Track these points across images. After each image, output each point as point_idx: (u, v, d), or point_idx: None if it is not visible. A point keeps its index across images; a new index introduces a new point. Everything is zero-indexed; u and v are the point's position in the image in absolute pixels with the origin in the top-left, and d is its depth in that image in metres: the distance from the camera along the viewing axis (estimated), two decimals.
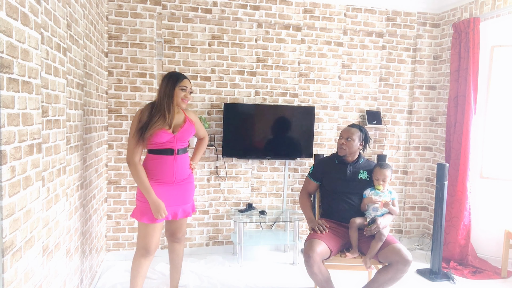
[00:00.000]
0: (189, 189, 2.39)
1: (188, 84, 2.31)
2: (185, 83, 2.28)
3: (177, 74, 2.29)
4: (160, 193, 2.22)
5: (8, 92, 1.28)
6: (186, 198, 2.36)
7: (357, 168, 2.61)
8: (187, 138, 2.34)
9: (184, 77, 2.30)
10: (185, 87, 2.28)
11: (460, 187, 3.40)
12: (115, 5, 3.20)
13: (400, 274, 2.27)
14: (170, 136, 2.22)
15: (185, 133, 2.30)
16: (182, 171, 2.31)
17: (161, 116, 2.18)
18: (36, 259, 1.58)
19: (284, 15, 3.57)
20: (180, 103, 2.28)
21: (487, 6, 3.31)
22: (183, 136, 2.29)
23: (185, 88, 2.28)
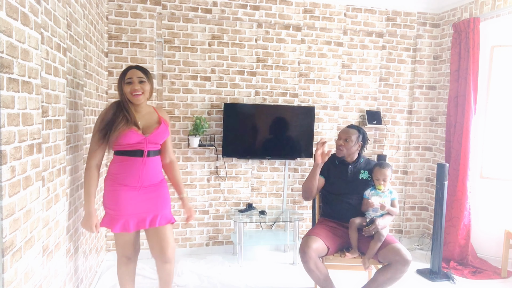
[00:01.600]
0: (161, 196, 2.11)
1: (134, 74, 1.98)
2: (130, 74, 1.99)
3: (125, 69, 2.05)
4: (126, 198, 2.01)
5: (8, 92, 1.29)
6: (157, 205, 2.09)
7: (358, 168, 2.61)
8: (159, 141, 2.10)
9: (130, 67, 2.03)
10: (129, 78, 1.98)
11: (460, 187, 3.40)
12: (115, 5, 3.20)
13: (399, 274, 2.27)
14: (140, 137, 1.98)
15: (158, 136, 2.07)
16: (151, 175, 2.06)
17: (123, 116, 1.96)
18: (36, 259, 1.58)
19: (284, 15, 3.57)
20: (132, 99, 1.98)
21: (487, 6, 3.31)
22: (156, 138, 2.06)
23: (130, 81, 1.97)
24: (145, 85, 2.02)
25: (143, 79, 2.01)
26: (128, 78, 1.99)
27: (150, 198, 2.07)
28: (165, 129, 2.12)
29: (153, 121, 2.09)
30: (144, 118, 2.07)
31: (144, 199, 2.05)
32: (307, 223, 3.79)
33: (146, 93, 2.04)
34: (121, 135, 1.94)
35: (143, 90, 2.01)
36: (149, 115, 2.10)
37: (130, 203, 2.02)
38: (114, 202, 2.01)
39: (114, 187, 2.02)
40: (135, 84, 1.98)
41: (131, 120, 1.96)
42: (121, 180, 2.01)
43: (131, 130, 1.95)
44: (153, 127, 2.06)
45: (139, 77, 2.00)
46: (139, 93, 1.99)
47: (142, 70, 2.04)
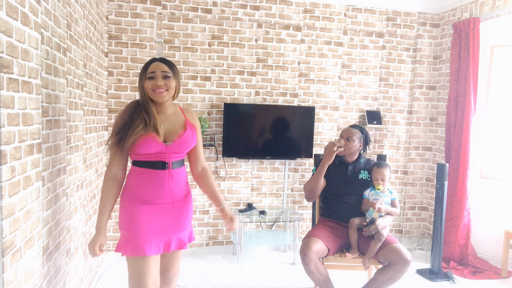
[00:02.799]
0: (186, 212, 1.83)
1: (158, 67, 1.70)
2: (152, 68, 1.71)
3: (147, 62, 1.76)
4: (145, 217, 1.70)
5: (8, 92, 1.29)
6: (182, 224, 1.81)
7: (358, 168, 2.61)
8: (184, 150, 1.78)
9: (153, 60, 1.75)
10: (152, 73, 1.69)
11: (460, 187, 3.40)
12: (115, 5, 3.20)
13: (399, 274, 2.27)
14: (160, 146, 1.68)
15: (182, 144, 1.74)
16: (177, 190, 1.77)
17: (142, 118, 1.67)
18: (36, 259, 1.58)
19: (284, 15, 3.57)
20: (154, 96, 1.70)
21: (487, 6, 3.31)
22: (179, 147, 1.74)
23: (152, 75, 1.69)
24: (170, 81, 1.71)
25: (168, 73, 1.70)
26: (151, 72, 1.69)
27: (176, 215, 1.77)
28: (192, 135, 1.78)
29: (178, 124, 1.77)
30: (168, 120, 1.76)
31: (170, 217, 1.76)
32: (307, 223, 3.79)
33: (170, 90, 1.72)
34: (138, 143, 1.65)
35: (167, 86, 1.70)
36: (174, 117, 1.79)
37: (149, 222, 1.71)
38: (130, 221, 1.70)
39: (131, 204, 1.72)
40: (159, 79, 1.68)
41: (150, 123, 1.66)
42: (140, 195, 1.72)
43: (150, 137, 1.65)
44: (177, 133, 1.74)
45: (163, 71, 1.70)
46: (162, 90, 1.68)
47: (168, 64, 1.73)
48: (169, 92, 1.72)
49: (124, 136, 1.64)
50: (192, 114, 1.88)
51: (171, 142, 1.71)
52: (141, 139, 1.64)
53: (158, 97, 1.70)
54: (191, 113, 1.88)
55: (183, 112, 1.84)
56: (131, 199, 1.73)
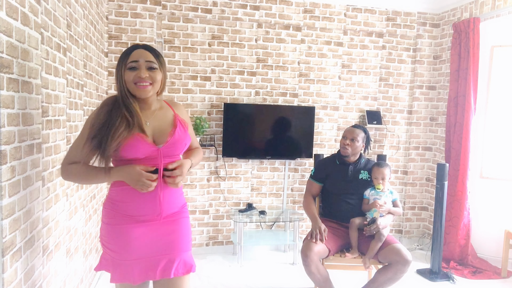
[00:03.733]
0: (180, 230, 1.52)
1: (141, 56, 1.42)
2: (134, 56, 1.41)
3: (128, 48, 1.47)
4: (132, 236, 1.43)
5: (8, 92, 1.28)
6: (175, 245, 1.50)
7: (358, 168, 2.61)
8: (179, 152, 1.52)
9: (135, 47, 1.46)
10: (134, 62, 1.41)
11: (460, 187, 3.40)
12: (115, 5, 3.20)
13: (399, 274, 2.27)
14: (150, 148, 1.41)
15: (177, 144, 1.49)
16: (171, 201, 1.49)
17: (122, 117, 1.38)
18: (36, 259, 1.58)
19: (284, 15, 3.57)
20: (135, 90, 1.42)
21: (487, 6, 3.30)
22: (173, 149, 1.48)
23: (134, 65, 1.40)
24: (156, 73, 1.44)
25: (153, 64, 1.43)
26: (133, 62, 1.41)
27: (166, 234, 1.48)
28: (184, 133, 1.52)
29: (167, 121, 1.51)
30: (154, 117, 1.49)
31: (158, 236, 1.47)
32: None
33: (156, 85, 1.45)
34: (122, 146, 1.36)
35: (152, 79, 1.42)
36: (161, 113, 1.52)
37: (137, 242, 1.43)
38: (116, 241, 1.44)
39: (115, 220, 1.44)
40: (142, 70, 1.40)
41: (133, 121, 1.38)
42: (126, 210, 1.44)
43: (136, 138, 1.37)
44: (167, 132, 1.48)
45: (148, 61, 1.42)
46: (146, 84, 1.41)
47: (153, 52, 1.46)
48: (154, 86, 1.44)
49: (104, 140, 1.32)
50: (180, 107, 1.61)
51: (163, 143, 1.44)
52: (126, 141, 1.35)
53: (141, 91, 1.40)
54: (179, 107, 1.61)
55: (170, 107, 1.57)
56: (115, 213, 1.44)
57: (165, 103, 1.60)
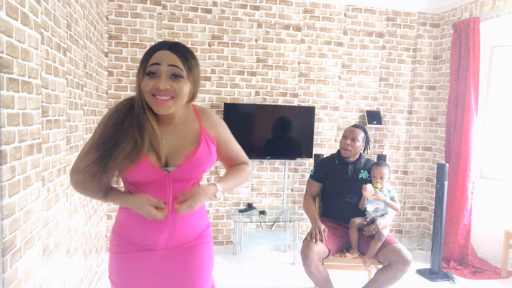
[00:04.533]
0: (199, 259, 1.28)
1: (165, 59, 1.12)
2: (156, 58, 1.12)
3: (151, 47, 1.17)
4: (137, 267, 1.24)
5: (8, 92, 1.28)
6: (192, 277, 1.27)
7: (358, 168, 2.61)
8: (196, 175, 1.25)
9: (159, 46, 1.15)
10: (154, 65, 1.11)
11: (460, 187, 3.40)
12: (115, 5, 3.20)
13: (399, 274, 2.27)
14: (157, 174, 1.16)
15: (193, 168, 1.21)
16: (183, 230, 1.25)
17: (131, 136, 1.13)
18: (36, 259, 1.58)
19: (284, 15, 3.57)
20: (153, 104, 1.13)
21: (487, 6, 3.30)
22: (189, 173, 1.21)
23: (154, 71, 1.11)
24: (181, 83, 1.13)
25: (178, 71, 1.12)
26: (153, 65, 1.11)
27: (181, 264, 1.25)
28: (208, 153, 1.23)
29: (189, 137, 1.23)
30: (175, 132, 1.22)
31: (171, 267, 1.25)
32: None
33: (180, 99, 1.14)
34: (126, 169, 1.14)
35: (175, 92, 1.12)
36: (184, 128, 1.24)
37: (147, 274, 1.24)
38: (121, 274, 1.26)
39: (121, 248, 1.25)
40: (162, 79, 1.10)
41: (142, 144, 1.12)
42: (133, 237, 1.24)
43: (141, 162, 1.13)
44: (186, 151, 1.20)
45: (172, 66, 1.11)
46: (166, 98, 1.12)
47: (181, 54, 1.14)
48: (177, 101, 1.13)
49: (104, 159, 1.10)
50: (211, 118, 1.29)
51: (175, 166, 1.18)
52: (128, 164, 1.13)
53: (159, 107, 1.12)
54: (209, 117, 1.29)
55: (198, 116, 1.27)
56: (121, 240, 1.25)
57: (194, 111, 1.27)
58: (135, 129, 1.13)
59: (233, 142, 1.38)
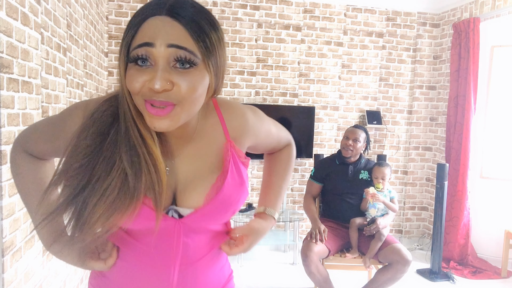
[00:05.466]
0: None
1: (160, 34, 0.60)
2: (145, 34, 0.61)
3: (136, 13, 0.66)
4: None
5: (8, 92, 1.28)
6: None
7: (358, 168, 2.62)
8: (224, 218, 0.78)
9: (151, 11, 0.63)
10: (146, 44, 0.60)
11: (460, 187, 3.40)
12: (115, 5, 3.20)
13: (399, 274, 2.27)
14: (161, 222, 0.71)
15: (218, 211, 0.75)
16: (200, 281, 0.80)
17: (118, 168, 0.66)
18: (36, 259, 1.58)
19: (284, 15, 3.57)
20: (146, 117, 0.63)
21: (487, 6, 3.31)
22: (210, 220, 0.76)
23: (143, 58, 0.61)
24: (193, 75, 0.63)
25: (189, 55, 0.61)
26: (141, 45, 0.61)
27: None
28: (238, 186, 0.77)
29: (208, 159, 0.77)
30: (187, 151, 0.76)
31: None
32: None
33: (190, 104, 0.64)
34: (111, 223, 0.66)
35: (180, 94, 0.62)
36: (202, 139, 0.77)
37: None
38: None
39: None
40: (159, 72, 0.60)
41: (137, 182, 0.66)
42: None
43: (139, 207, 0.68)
44: (205, 185, 0.75)
45: (174, 46, 0.60)
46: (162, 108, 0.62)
47: (192, 23, 0.62)
48: (185, 108, 0.64)
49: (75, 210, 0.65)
50: (239, 116, 0.81)
51: (188, 207, 0.73)
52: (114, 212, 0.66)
53: (154, 121, 0.63)
54: (237, 115, 0.80)
55: (221, 119, 0.79)
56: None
57: (215, 109, 0.79)
58: (124, 154, 0.66)
59: (273, 131, 0.94)
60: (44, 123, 0.81)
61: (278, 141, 1.00)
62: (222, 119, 0.79)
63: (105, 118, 0.68)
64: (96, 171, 0.66)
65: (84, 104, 0.74)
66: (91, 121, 0.68)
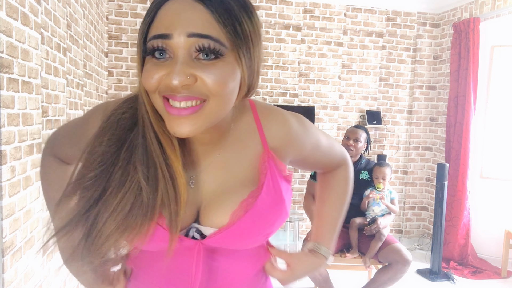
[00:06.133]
0: None
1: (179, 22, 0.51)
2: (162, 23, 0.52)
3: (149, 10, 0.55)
4: None
5: (8, 92, 1.28)
6: None
7: (359, 168, 2.62)
8: (251, 244, 0.67)
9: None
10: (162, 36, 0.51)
11: (460, 187, 3.40)
12: (115, 5, 3.20)
13: (399, 274, 2.27)
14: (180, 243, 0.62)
15: (248, 233, 0.63)
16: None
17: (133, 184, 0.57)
18: (36, 259, 1.58)
19: (284, 15, 3.57)
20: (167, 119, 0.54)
21: (487, 6, 3.30)
22: (237, 242, 0.64)
23: (161, 49, 0.52)
24: (219, 67, 0.53)
25: (213, 44, 0.52)
26: (157, 37, 0.52)
27: None
28: (276, 204, 0.64)
29: (241, 171, 0.66)
30: (215, 160, 0.66)
31: None
32: (307, 223, 3.79)
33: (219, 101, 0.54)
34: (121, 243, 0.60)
35: (206, 88, 0.52)
36: (236, 147, 0.67)
37: None
38: None
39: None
40: (179, 64, 0.51)
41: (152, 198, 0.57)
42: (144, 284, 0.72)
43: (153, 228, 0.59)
44: (233, 201, 0.63)
45: (196, 36, 0.51)
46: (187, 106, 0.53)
47: (217, 3, 0.53)
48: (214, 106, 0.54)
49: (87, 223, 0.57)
50: (281, 125, 0.70)
51: (211, 226, 0.64)
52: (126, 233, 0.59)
53: (175, 124, 0.54)
54: (278, 123, 0.70)
55: (259, 126, 0.69)
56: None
57: (253, 115, 0.71)
58: (139, 164, 0.58)
59: (323, 144, 0.79)
60: (69, 125, 0.76)
61: (330, 157, 0.85)
62: (260, 126, 0.68)
63: (123, 122, 0.61)
64: (111, 183, 0.58)
65: (105, 105, 0.67)
66: (107, 125, 0.61)
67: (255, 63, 0.59)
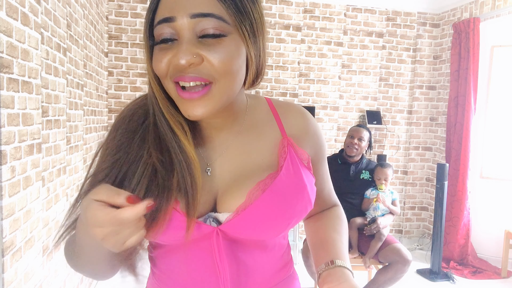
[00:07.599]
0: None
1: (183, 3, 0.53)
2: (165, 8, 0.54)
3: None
4: None
5: (8, 92, 1.28)
6: None
7: (360, 168, 2.62)
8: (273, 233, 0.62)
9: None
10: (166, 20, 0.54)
11: (460, 187, 3.40)
12: (115, 5, 3.20)
13: (400, 274, 2.27)
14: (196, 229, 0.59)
15: (274, 206, 0.59)
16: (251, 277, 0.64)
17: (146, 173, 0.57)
18: (36, 259, 1.58)
19: (284, 15, 3.57)
20: (178, 102, 0.57)
21: (487, 6, 3.30)
22: (263, 218, 0.59)
23: (166, 37, 0.54)
24: (224, 45, 0.54)
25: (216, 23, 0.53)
26: (161, 22, 0.54)
27: None
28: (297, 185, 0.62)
29: (260, 155, 0.65)
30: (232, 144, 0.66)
31: None
32: None
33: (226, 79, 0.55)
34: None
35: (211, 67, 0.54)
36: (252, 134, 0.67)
37: None
38: None
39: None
40: (184, 44, 0.53)
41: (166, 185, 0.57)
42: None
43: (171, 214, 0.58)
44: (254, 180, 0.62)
45: (198, 16, 0.53)
46: (196, 84, 0.55)
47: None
48: (221, 86, 0.56)
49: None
50: (300, 116, 0.72)
51: (234, 212, 0.60)
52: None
53: (187, 105, 0.56)
54: (296, 114, 0.72)
55: (276, 115, 0.70)
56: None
57: (269, 105, 0.72)
58: (152, 149, 0.59)
59: (326, 167, 0.79)
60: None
61: (329, 192, 0.81)
62: (277, 115, 0.69)
63: (135, 116, 0.63)
64: (125, 170, 0.58)
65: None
66: (120, 120, 0.64)
67: (260, 40, 0.59)
